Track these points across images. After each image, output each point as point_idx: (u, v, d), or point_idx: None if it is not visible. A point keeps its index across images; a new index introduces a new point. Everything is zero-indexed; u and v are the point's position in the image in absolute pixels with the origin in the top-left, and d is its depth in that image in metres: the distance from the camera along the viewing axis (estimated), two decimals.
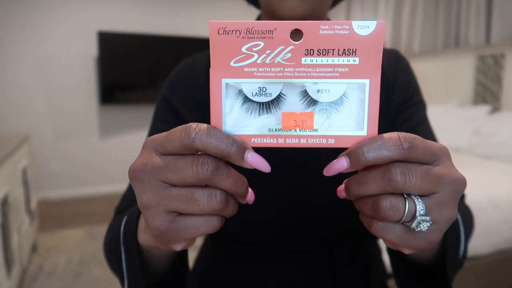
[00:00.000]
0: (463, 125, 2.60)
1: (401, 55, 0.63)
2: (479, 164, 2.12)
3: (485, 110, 2.62)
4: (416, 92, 0.63)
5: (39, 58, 3.52)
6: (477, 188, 1.66)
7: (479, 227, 1.54)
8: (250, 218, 0.55)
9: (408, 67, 0.63)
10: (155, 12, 3.90)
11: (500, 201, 1.61)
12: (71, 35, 3.60)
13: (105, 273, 2.23)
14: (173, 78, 0.62)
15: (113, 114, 3.86)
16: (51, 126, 3.64)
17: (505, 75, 2.60)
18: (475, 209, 1.55)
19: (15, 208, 1.88)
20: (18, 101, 3.49)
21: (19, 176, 2.06)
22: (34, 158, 3.49)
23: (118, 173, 3.94)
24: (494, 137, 2.33)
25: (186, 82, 0.60)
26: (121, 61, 3.69)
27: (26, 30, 3.44)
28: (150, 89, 3.86)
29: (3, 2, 3.34)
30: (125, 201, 0.60)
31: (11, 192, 1.81)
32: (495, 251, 1.60)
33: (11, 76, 3.44)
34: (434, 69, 3.18)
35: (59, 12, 3.53)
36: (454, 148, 2.59)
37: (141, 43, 3.72)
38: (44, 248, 2.57)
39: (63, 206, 3.51)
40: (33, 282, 2.13)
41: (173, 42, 3.87)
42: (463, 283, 1.54)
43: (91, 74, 3.71)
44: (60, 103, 3.64)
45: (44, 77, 3.56)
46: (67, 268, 2.30)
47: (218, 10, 4.16)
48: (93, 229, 2.92)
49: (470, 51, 2.83)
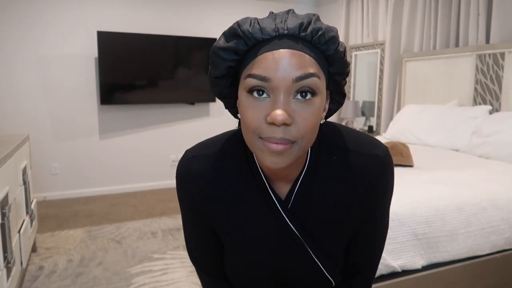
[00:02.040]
0: (463, 125, 2.60)
1: (387, 163, 0.69)
2: (479, 164, 2.12)
3: (485, 110, 2.62)
4: (384, 204, 0.72)
5: (39, 58, 3.52)
6: (477, 188, 1.66)
7: (479, 227, 1.54)
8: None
9: (390, 178, 0.70)
10: (155, 12, 3.90)
11: (500, 200, 1.61)
12: (71, 35, 3.60)
13: (105, 273, 2.23)
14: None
15: (113, 114, 3.86)
16: (51, 126, 3.64)
17: (504, 75, 2.60)
18: (475, 209, 1.55)
19: (15, 208, 1.88)
20: (18, 101, 3.49)
21: (19, 176, 2.06)
22: (34, 158, 3.49)
23: (118, 173, 3.95)
24: (494, 137, 2.32)
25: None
26: (121, 61, 3.69)
27: (26, 30, 3.44)
28: (150, 89, 3.86)
29: (3, 2, 3.34)
30: (194, 247, 0.78)
31: (11, 192, 1.81)
32: (495, 251, 1.60)
33: (11, 76, 3.44)
34: (434, 69, 3.18)
35: (59, 12, 3.54)
36: (454, 148, 2.59)
37: (141, 43, 3.72)
38: (44, 248, 2.57)
39: (63, 206, 3.51)
40: (33, 282, 2.13)
41: (173, 42, 3.87)
42: (463, 283, 1.54)
43: (91, 74, 3.71)
44: (60, 103, 3.64)
45: (44, 77, 3.56)
46: (67, 268, 2.30)
47: (218, 10, 4.17)
48: (93, 229, 2.93)
49: (470, 51, 2.83)
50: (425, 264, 1.47)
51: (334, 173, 0.67)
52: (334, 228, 0.70)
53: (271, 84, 0.54)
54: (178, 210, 3.37)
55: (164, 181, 4.14)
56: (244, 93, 0.56)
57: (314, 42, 0.56)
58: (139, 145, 4.00)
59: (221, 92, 0.64)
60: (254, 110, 0.55)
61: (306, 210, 0.68)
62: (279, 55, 0.54)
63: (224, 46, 0.57)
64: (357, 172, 0.66)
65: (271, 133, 0.54)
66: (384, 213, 0.74)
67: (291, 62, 0.53)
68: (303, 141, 0.56)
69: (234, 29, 0.57)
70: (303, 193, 0.67)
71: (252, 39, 0.56)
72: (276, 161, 0.55)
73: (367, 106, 4.11)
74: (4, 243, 1.58)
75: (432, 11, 3.19)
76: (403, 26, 3.53)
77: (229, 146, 0.70)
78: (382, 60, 3.82)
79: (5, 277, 1.57)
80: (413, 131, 2.88)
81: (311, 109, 0.55)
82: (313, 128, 0.56)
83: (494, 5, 2.67)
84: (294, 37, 0.56)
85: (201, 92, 4.07)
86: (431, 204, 1.50)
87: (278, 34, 0.56)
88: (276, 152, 0.54)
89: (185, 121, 4.18)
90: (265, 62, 0.54)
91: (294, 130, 0.54)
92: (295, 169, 0.66)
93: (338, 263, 0.74)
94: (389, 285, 1.39)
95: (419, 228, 1.44)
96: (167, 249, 2.57)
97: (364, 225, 0.71)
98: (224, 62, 0.58)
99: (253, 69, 0.55)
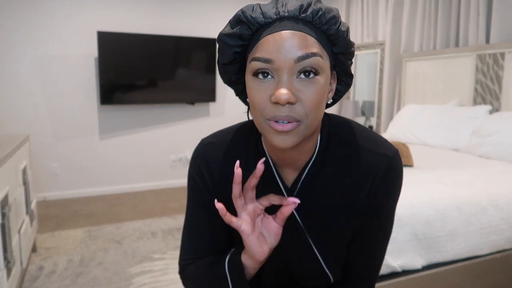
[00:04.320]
0: (463, 125, 2.60)
1: (395, 164, 0.68)
2: (479, 164, 2.12)
3: (485, 110, 2.62)
4: (387, 207, 0.71)
5: (39, 58, 3.52)
6: (477, 188, 1.66)
7: (479, 227, 1.54)
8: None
9: (396, 181, 0.69)
10: (155, 12, 3.90)
11: (500, 201, 1.61)
12: (71, 35, 3.60)
13: (105, 273, 2.23)
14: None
15: (113, 114, 3.86)
16: (51, 126, 3.64)
17: (505, 75, 2.60)
18: (475, 209, 1.55)
19: (15, 208, 1.88)
20: (18, 101, 3.49)
21: (19, 176, 2.06)
22: (34, 158, 3.49)
23: (118, 173, 3.95)
24: (494, 137, 2.32)
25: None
26: (121, 61, 3.69)
27: (26, 30, 3.44)
28: (150, 89, 3.86)
29: (4, 2, 3.34)
30: (197, 230, 0.78)
31: (11, 192, 1.81)
32: (495, 251, 1.60)
33: (11, 76, 3.44)
34: (434, 69, 3.18)
35: (59, 12, 3.53)
36: (454, 148, 2.59)
37: (141, 43, 3.72)
38: (44, 248, 2.57)
39: (63, 206, 3.51)
40: (33, 282, 2.13)
41: (173, 42, 3.87)
42: (463, 283, 1.54)
43: (91, 74, 3.71)
44: (60, 103, 3.64)
45: (44, 77, 3.56)
46: (67, 268, 2.30)
47: (218, 10, 4.17)
48: (93, 229, 2.93)
49: (470, 51, 2.83)
50: (425, 264, 1.47)
51: (341, 166, 0.68)
52: (337, 222, 0.70)
53: (274, 65, 0.55)
54: (178, 210, 3.37)
55: (164, 181, 4.14)
56: (250, 76, 0.59)
57: (315, 23, 0.58)
58: (139, 145, 4.00)
59: (230, 79, 0.66)
60: (259, 92, 0.57)
61: (311, 199, 0.69)
62: (280, 37, 0.56)
63: (229, 33, 0.60)
64: (364, 169, 0.67)
65: (276, 111, 0.56)
66: (386, 217, 0.72)
67: (293, 43, 0.55)
68: (308, 119, 0.57)
69: (238, 15, 0.59)
70: (309, 181, 0.69)
71: (255, 24, 0.58)
72: (283, 140, 0.57)
73: (367, 106, 4.11)
74: (4, 243, 1.58)
75: (432, 11, 3.19)
76: (403, 26, 3.53)
77: (241, 134, 0.73)
78: (382, 60, 3.81)
79: (5, 277, 1.57)
80: (413, 131, 2.88)
81: (315, 87, 0.56)
82: (318, 106, 0.58)
83: (494, 5, 2.67)
84: (295, 19, 0.57)
85: (201, 92, 4.07)
86: (431, 204, 1.50)
87: (279, 17, 0.57)
88: (283, 131, 0.56)
89: (185, 121, 4.18)
90: (267, 44, 0.56)
91: (299, 108, 0.56)
92: (303, 155, 0.67)
93: (338, 259, 0.74)
94: (389, 285, 1.39)
95: (419, 228, 1.44)
96: (167, 249, 2.57)
97: (365, 224, 0.71)
98: (230, 48, 0.61)
99: (256, 53, 0.57)
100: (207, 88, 4.09)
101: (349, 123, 0.71)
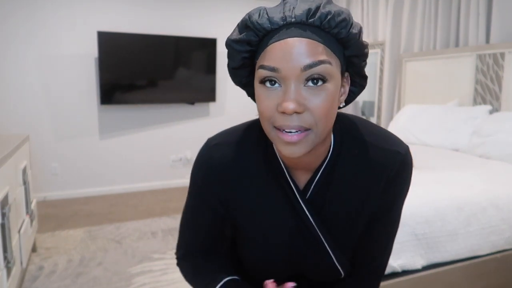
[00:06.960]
0: (463, 125, 2.60)
1: (407, 161, 0.68)
2: (479, 164, 2.12)
3: (485, 110, 2.61)
4: (398, 203, 0.72)
5: (39, 58, 3.52)
6: (477, 188, 1.66)
7: (479, 227, 1.54)
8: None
9: (407, 177, 0.70)
10: (155, 12, 3.90)
11: (500, 201, 1.61)
12: (71, 35, 3.60)
13: (105, 273, 2.23)
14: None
15: (113, 114, 3.86)
16: (51, 126, 3.64)
17: (504, 75, 2.60)
18: (475, 209, 1.55)
19: (15, 208, 1.88)
20: (18, 101, 3.49)
21: (19, 176, 2.06)
22: (34, 158, 3.49)
23: (118, 173, 3.95)
24: (494, 137, 2.32)
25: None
26: (121, 61, 3.69)
27: (26, 31, 3.44)
28: (150, 89, 3.86)
29: (4, 2, 3.34)
30: (196, 230, 0.81)
31: (11, 192, 1.81)
32: (495, 251, 1.60)
33: (11, 76, 3.44)
34: (434, 69, 3.18)
35: (59, 12, 3.53)
36: (454, 148, 2.59)
37: (141, 43, 3.72)
38: (44, 248, 2.57)
39: (63, 206, 3.51)
40: (33, 282, 2.13)
41: (173, 42, 3.87)
42: (463, 283, 1.54)
43: (91, 74, 3.71)
44: (60, 103, 3.64)
45: (44, 77, 3.56)
46: (67, 268, 2.30)
47: (218, 10, 4.16)
48: (93, 229, 2.93)
49: (470, 51, 2.83)
50: (425, 264, 1.47)
51: (354, 166, 0.68)
52: (350, 221, 0.70)
53: (281, 74, 0.54)
54: (178, 210, 3.37)
55: (164, 181, 4.14)
56: (257, 83, 0.58)
57: (324, 27, 0.55)
58: (139, 145, 4.00)
59: (241, 81, 0.65)
60: (267, 100, 0.56)
61: (324, 201, 0.68)
62: (286, 45, 0.54)
63: (236, 38, 0.58)
64: (377, 167, 0.67)
65: (284, 121, 0.55)
66: (396, 212, 0.73)
67: (299, 50, 0.53)
68: (318, 127, 0.56)
69: (245, 20, 0.58)
70: (322, 183, 0.68)
71: (262, 30, 0.56)
72: (292, 151, 0.56)
73: (367, 106, 4.11)
74: (4, 243, 1.58)
75: (432, 11, 3.19)
76: (403, 26, 3.53)
77: (249, 134, 0.71)
78: (382, 60, 3.81)
79: (5, 277, 1.57)
80: (413, 131, 2.87)
81: (324, 95, 0.55)
82: (328, 114, 0.56)
83: (494, 5, 2.67)
84: (302, 24, 0.55)
85: (201, 92, 4.07)
86: (431, 204, 1.50)
87: (286, 23, 0.55)
88: (291, 142, 0.55)
89: (185, 121, 4.18)
90: (274, 52, 0.55)
91: (308, 117, 0.55)
92: (317, 158, 0.66)
93: (349, 255, 0.74)
94: (389, 285, 1.39)
95: (419, 228, 1.44)
96: (167, 249, 2.57)
97: (377, 220, 0.71)
98: (238, 54, 0.60)
99: (263, 60, 0.56)
100: (207, 88, 4.09)
101: (360, 121, 0.71)
